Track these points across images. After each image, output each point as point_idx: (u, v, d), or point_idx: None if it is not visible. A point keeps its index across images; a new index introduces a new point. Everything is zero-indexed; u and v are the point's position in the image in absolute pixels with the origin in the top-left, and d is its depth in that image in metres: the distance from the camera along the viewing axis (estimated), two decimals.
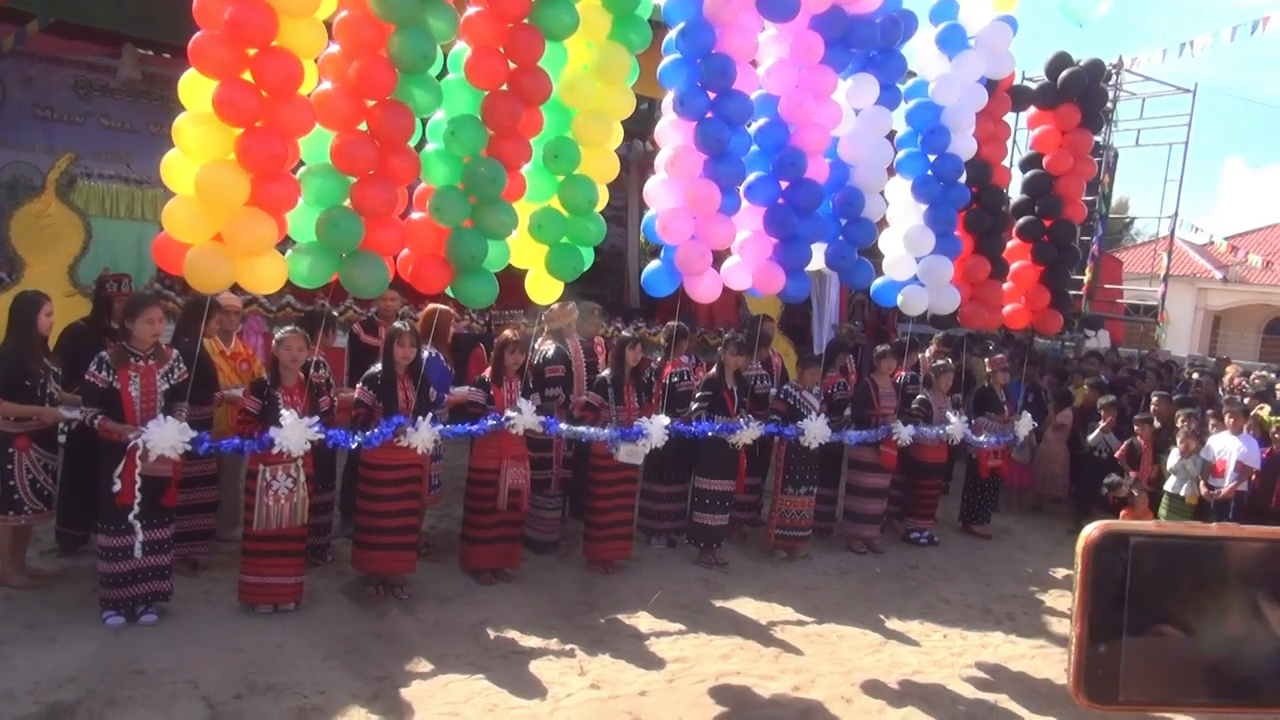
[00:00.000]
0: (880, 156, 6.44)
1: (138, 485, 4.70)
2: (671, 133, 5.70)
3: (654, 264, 6.04)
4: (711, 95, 5.54)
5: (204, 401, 5.52)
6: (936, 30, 6.48)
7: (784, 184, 5.96)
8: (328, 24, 4.64)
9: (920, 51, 6.64)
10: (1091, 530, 0.56)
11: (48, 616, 4.94)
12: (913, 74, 6.79)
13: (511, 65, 5.01)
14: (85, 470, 5.29)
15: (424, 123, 5.09)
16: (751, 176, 5.92)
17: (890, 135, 6.62)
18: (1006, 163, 7.76)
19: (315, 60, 4.63)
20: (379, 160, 4.71)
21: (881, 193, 6.63)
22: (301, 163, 4.78)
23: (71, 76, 9.14)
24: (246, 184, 4.42)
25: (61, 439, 5.56)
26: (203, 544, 5.84)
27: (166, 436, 4.71)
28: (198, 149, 4.42)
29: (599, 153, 5.55)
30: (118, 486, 4.68)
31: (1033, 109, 7.75)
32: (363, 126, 4.74)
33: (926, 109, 6.54)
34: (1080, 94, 7.39)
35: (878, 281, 6.94)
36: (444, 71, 5.11)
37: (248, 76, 4.40)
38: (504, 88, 5.02)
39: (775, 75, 5.90)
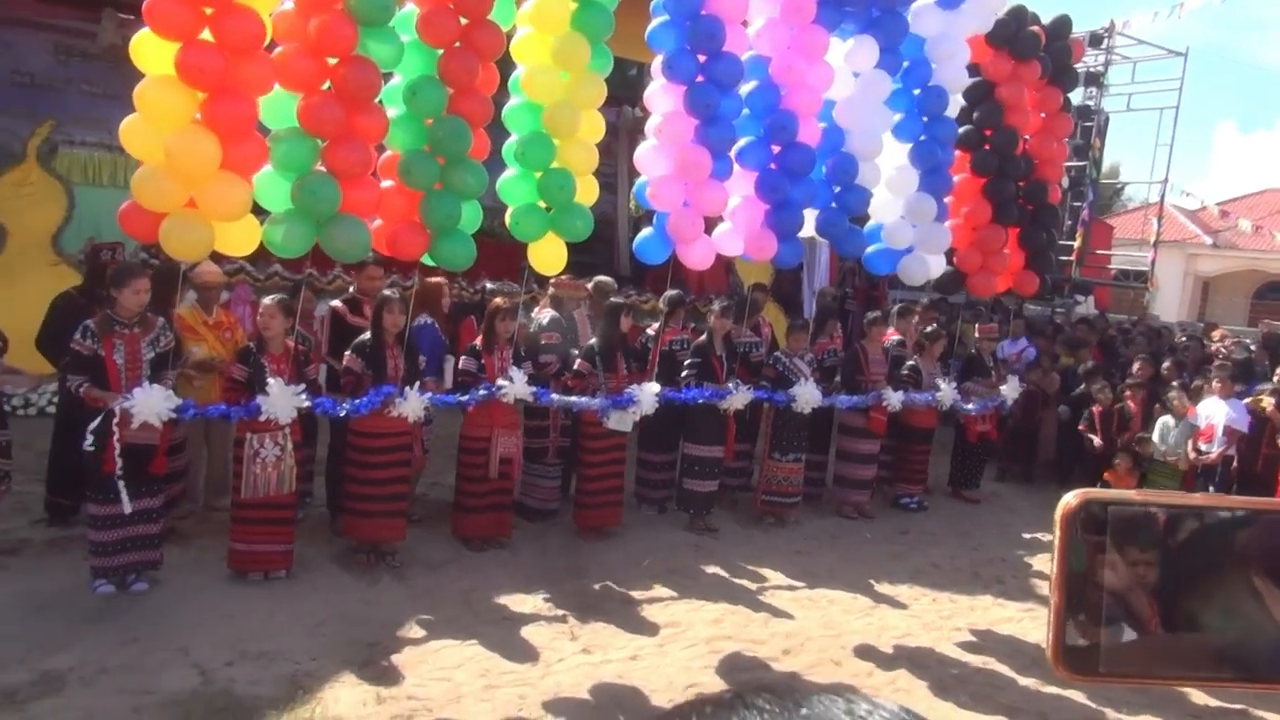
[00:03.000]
0: (878, 122, 6.25)
1: (118, 452, 4.67)
2: (661, 97, 5.62)
3: (646, 231, 5.98)
4: (701, 58, 5.45)
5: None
6: None
7: (775, 148, 5.88)
8: None
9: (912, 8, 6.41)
10: (1070, 499, 0.54)
11: (38, 585, 4.93)
12: None
13: (463, 21, 4.92)
14: (74, 440, 5.24)
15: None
16: (743, 141, 5.85)
17: None
18: None
19: (269, 16, 4.51)
20: (347, 120, 4.61)
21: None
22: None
23: (51, 42, 8.94)
24: (218, 148, 4.33)
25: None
26: (174, 511, 5.77)
27: (152, 403, 4.69)
28: (161, 114, 4.29)
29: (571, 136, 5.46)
30: (89, 442, 4.65)
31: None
32: (325, 86, 4.63)
33: (922, 68, 6.36)
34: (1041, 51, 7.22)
35: (871, 249, 6.80)
36: None
37: (206, 35, 4.27)
38: (457, 44, 4.94)
39: (766, 36, 5.78)
